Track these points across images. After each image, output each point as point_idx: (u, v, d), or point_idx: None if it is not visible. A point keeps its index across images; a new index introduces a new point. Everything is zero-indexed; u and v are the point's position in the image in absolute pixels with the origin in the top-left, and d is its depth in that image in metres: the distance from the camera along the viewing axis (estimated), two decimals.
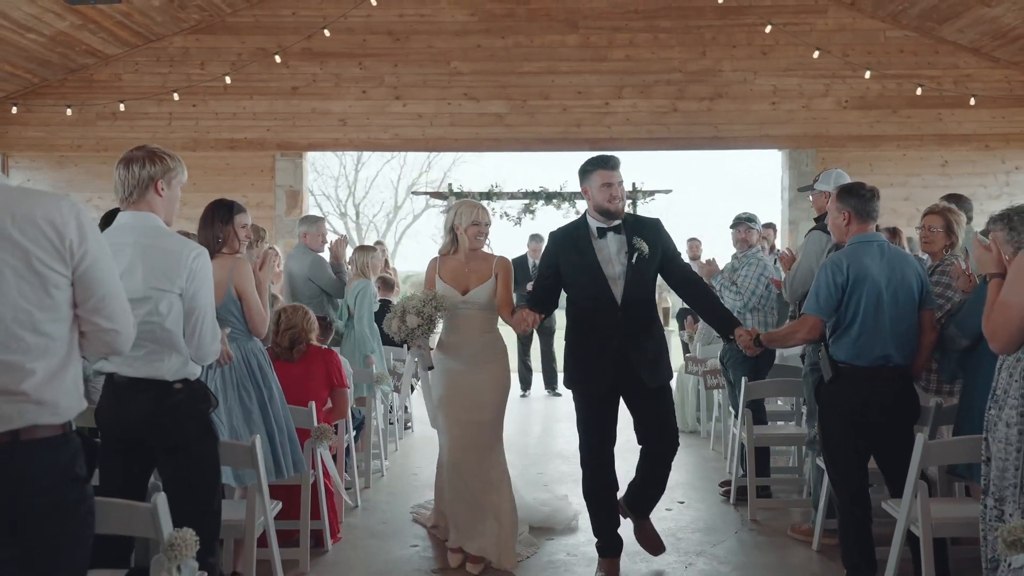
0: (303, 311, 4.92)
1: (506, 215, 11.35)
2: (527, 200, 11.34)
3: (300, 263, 6.69)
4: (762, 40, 10.57)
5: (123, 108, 10.51)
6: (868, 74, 10.37)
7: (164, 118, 10.69)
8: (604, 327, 4.11)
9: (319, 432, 4.43)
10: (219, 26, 10.66)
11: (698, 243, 10.36)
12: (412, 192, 27.99)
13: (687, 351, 8.70)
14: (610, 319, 4.09)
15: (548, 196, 11.28)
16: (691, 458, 6.88)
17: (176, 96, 10.51)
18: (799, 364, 5.68)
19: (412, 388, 7.72)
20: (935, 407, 4.08)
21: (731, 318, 4.44)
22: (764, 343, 4.30)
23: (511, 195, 11.42)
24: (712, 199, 37.75)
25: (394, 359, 7.28)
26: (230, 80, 10.53)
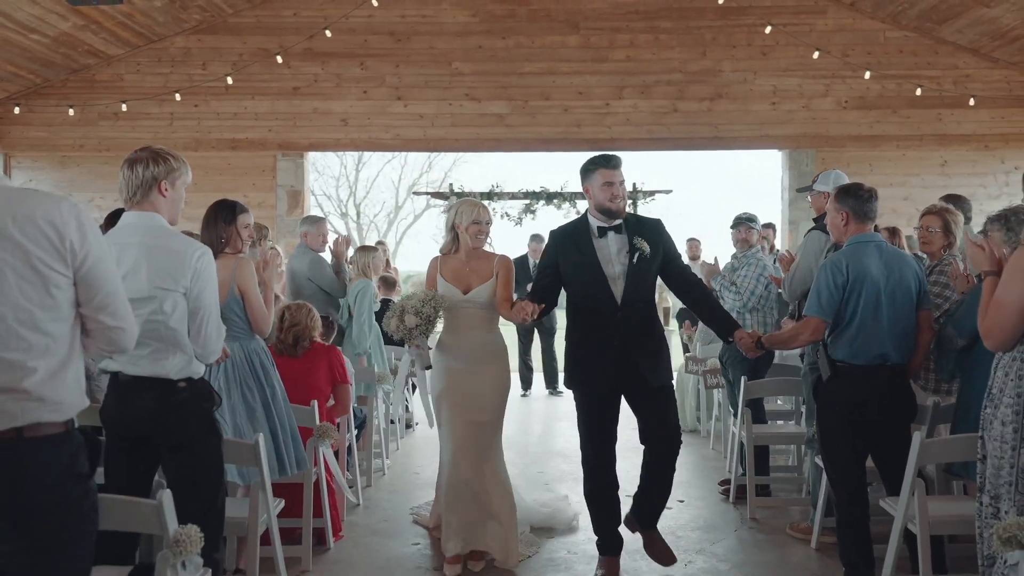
0: (307, 309, 4.96)
1: (507, 215, 11.38)
2: (528, 200, 11.36)
3: (300, 263, 6.75)
4: (762, 40, 10.59)
5: (125, 108, 10.54)
6: (868, 74, 10.39)
7: (166, 118, 10.72)
8: (604, 327, 4.09)
9: (321, 431, 4.46)
10: (221, 26, 10.68)
11: (697, 243, 10.37)
12: (413, 192, 28.03)
13: (687, 351, 8.72)
14: (610, 319, 4.07)
15: (549, 196, 11.30)
16: (691, 457, 6.90)
17: (178, 96, 10.53)
18: (798, 363, 5.70)
19: (414, 387, 7.75)
20: (932, 406, 4.10)
21: (730, 320, 4.40)
22: (766, 345, 4.29)
23: (512, 195, 11.44)
24: (712, 199, 37.65)
25: (395, 358, 7.30)
26: (232, 80, 10.56)
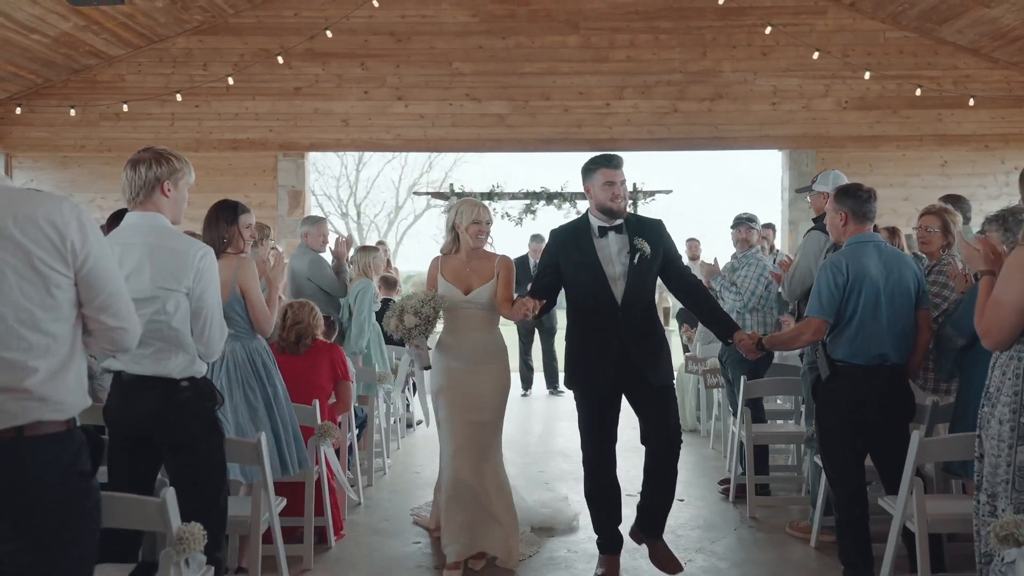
0: (309, 307, 5.01)
1: (507, 215, 11.40)
2: (528, 200, 11.38)
3: (300, 263, 6.83)
4: (762, 41, 10.61)
5: (126, 109, 10.56)
6: (868, 75, 10.41)
7: (167, 119, 10.74)
8: (604, 327, 4.09)
9: (323, 430, 4.49)
10: (221, 27, 10.71)
11: (697, 243, 10.37)
12: (413, 192, 28.03)
13: (687, 350, 8.74)
14: (610, 319, 4.07)
15: (549, 196, 11.32)
16: (691, 456, 6.92)
17: (179, 97, 10.55)
18: (798, 363, 5.72)
19: (414, 387, 7.77)
20: (931, 405, 4.11)
21: (730, 322, 4.39)
22: (767, 347, 4.29)
23: (512, 195, 11.46)
24: (712, 199, 37.55)
25: (395, 358, 7.32)
26: (232, 81, 10.58)
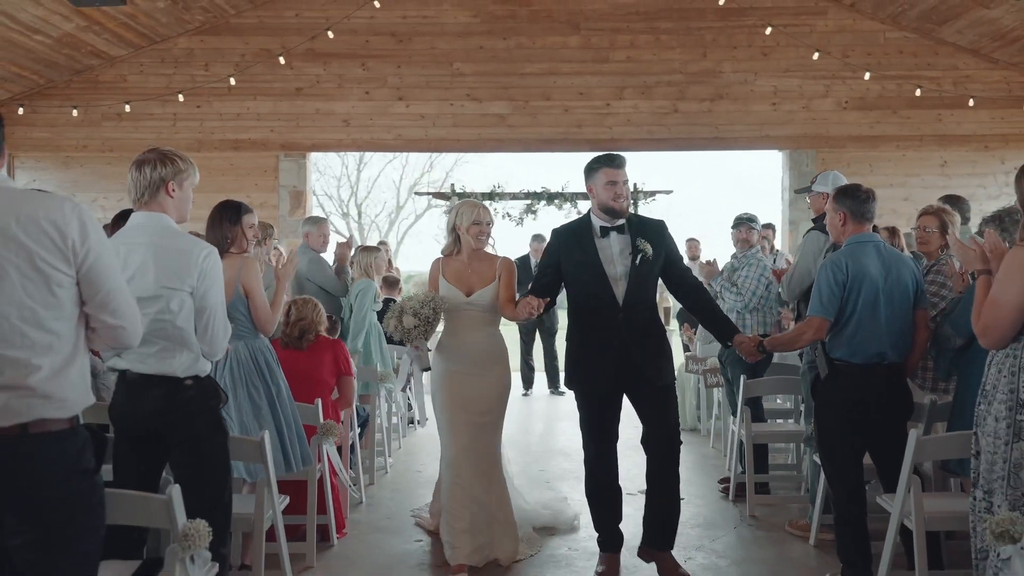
0: (313, 303, 5.06)
1: (508, 215, 11.43)
2: (529, 200, 11.40)
3: (300, 262, 6.90)
4: (762, 41, 10.63)
5: (128, 109, 10.58)
6: (868, 75, 10.43)
7: (169, 119, 10.77)
8: (605, 327, 4.09)
9: (325, 428, 4.52)
10: (223, 27, 10.73)
11: (697, 243, 10.37)
12: (414, 192, 28.05)
13: (687, 350, 8.77)
14: (611, 319, 4.07)
15: (550, 196, 11.35)
16: (691, 455, 6.95)
17: (181, 97, 10.57)
18: (797, 362, 5.74)
19: (412, 387, 7.81)
20: (929, 404, 4.14)
21: (730, 325, 4.38)
22: (768, 348, 4.28)
23: (513, 195, 11.48)
24: (713, 199, 37.59)
25: (396, 357, 7.36)
26: (234, 81, 10.60)
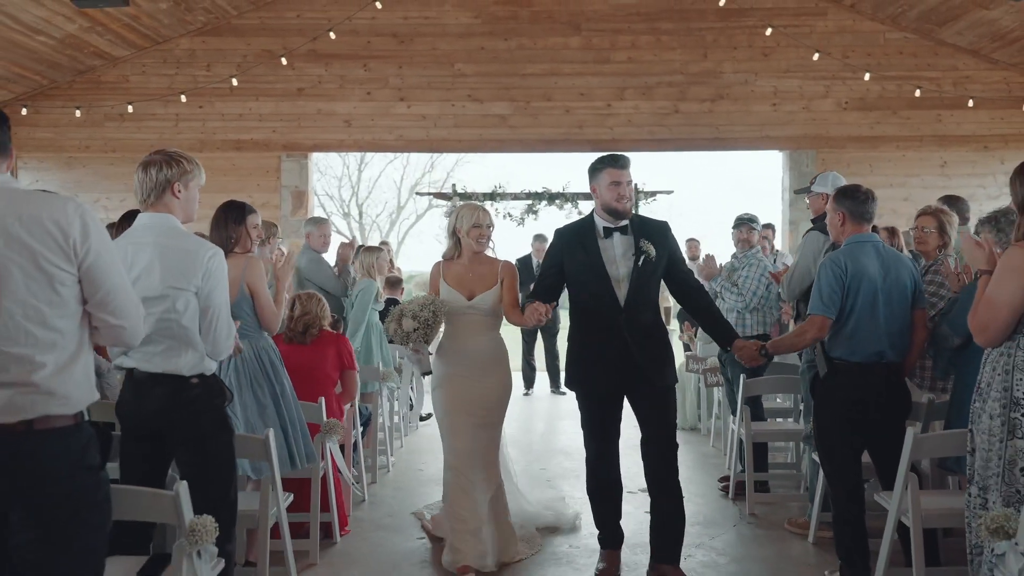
0: (317, 298, 5.12)
1: (509, 215, 11.47)
2: (530, 201, 11.45)
3: (300, 262, 7.09)
4: (763, 42, 10.66)
5: (131, 110, 10.62)
6: (868, 76, 10.46)
7: (171, 119, 10.80)
8: (606, 328, 4.08)
9: (328, 426, 4.56)
10: (225, 28, 10.77)
11: (697, 243, 10.37)
12: (416, 192, 28.09)
13: (688, 349, 8.81)
14: (612, 320, 4.07)
15: (551, 197, 11.39)
16: (691, 454, 6.99)
17: (183, 98, 10.60)
18: (796, 362, 5.78)
19: (413, 385, 7.86)
20: (927, 403, 4.17)
21: (730, 330, 4.36)
22: (771, 351, 4.27)
23: (514, 196, 11.53)
24: (713, 200, 37.63)
25: (398, 357, 7.39)
26: (236, 82, 10.63)
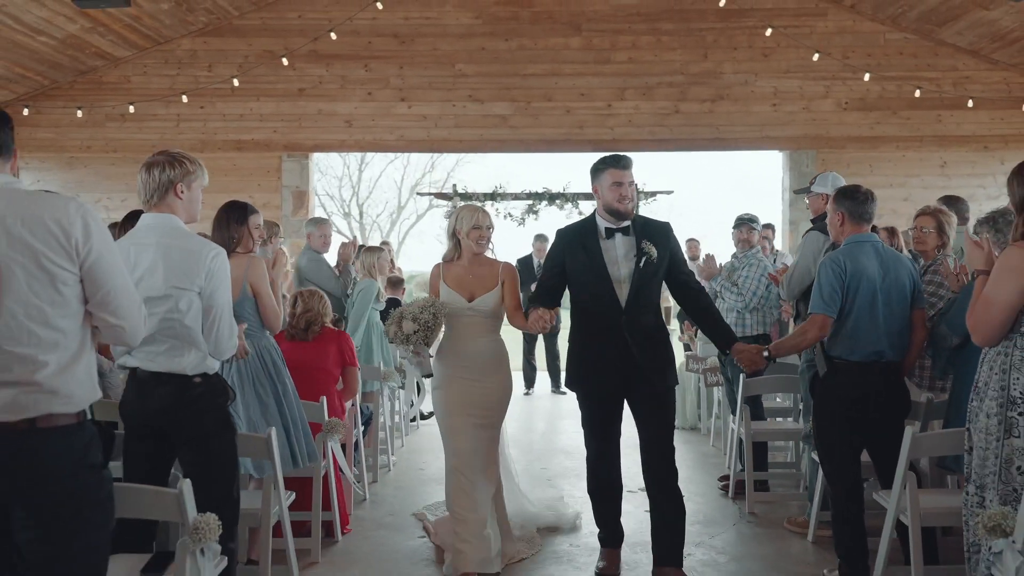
0: (319, 295, 5.15)
1: (510, 216, 11.49)
2: (531, 201, 11.47)
3: (300, 261, 7.16)
4: (763, 43, 10.67)
5: (132, 110, 10.64)
6: (868, 76, 10.48)
7: (172, 120, 10.83)
8: (607, 329, 4.08)
9: (330, 426, 4.58)
10: (226, 29, 10.79)
11: (697, 243, 10.37)
12: (416, 192, 28.09)
13: (688, 349, 8.82)
14: (613, 321, 4.06)
15: (552, 197, 11.40)
16: (691, 453, 7.01)
17: (184, 98, 10.63)
18: (796, 361, 5.79)
19: (418, 387, 7.88)
20: (926, 402, 4.19)
21: (731, 333, 4.35)
22: (773, 353, 4.25)
23: (515, 196, 11.54)
24: (713, 200, 37.66)
25: (399, 356, 7.41)
26: (237, 82, 10.65)
